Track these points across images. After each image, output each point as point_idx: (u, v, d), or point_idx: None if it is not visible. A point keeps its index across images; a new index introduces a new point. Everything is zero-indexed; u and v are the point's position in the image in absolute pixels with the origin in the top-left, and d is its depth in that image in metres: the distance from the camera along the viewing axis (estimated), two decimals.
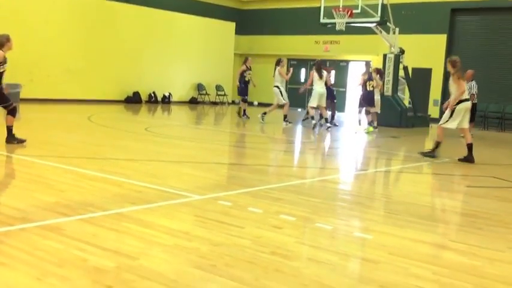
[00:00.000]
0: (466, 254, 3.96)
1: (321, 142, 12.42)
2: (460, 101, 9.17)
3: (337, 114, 21.05)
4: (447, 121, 9.27)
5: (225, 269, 3.31)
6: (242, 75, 16.05)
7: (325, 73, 14.57)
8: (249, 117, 15.86)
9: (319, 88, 14.34)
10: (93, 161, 7.41)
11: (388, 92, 16.58)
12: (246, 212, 4.82)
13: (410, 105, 17.30)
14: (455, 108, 9.18)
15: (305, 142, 12.09)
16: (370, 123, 14.47)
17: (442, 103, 15.06)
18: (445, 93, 19.31)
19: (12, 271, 3.09)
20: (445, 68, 19.58)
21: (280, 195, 5.62)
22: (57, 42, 18.35)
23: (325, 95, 14.38)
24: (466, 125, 9.39)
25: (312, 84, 14.61)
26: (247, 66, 16.07)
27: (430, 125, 16.09)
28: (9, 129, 8.30)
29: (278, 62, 14.98)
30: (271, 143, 11.70)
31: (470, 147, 9.31)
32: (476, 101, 14.48)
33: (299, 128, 15.02)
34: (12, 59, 17.48)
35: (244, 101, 16.18)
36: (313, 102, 14.38)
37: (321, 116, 14.82)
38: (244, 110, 16.06)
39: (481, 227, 4.86)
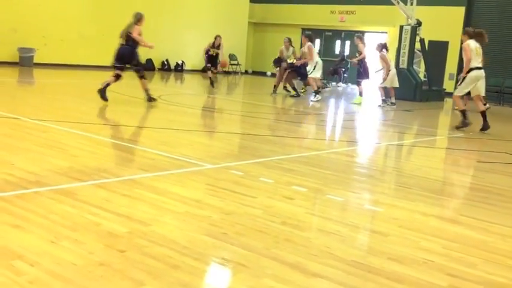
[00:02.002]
0: (477, 229, 3.96)
1: (333, 115, 12.36)
2: (471, 69, 9.24)
3: (350, 86, 20.93)
4: (457, 88, 9.45)
5: (236, 237, 3.34)
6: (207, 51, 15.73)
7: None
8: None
9: (319, 59, 14.13)
10: (106, 128, 7.45)
11: (404, 64, 16.38)
12: (258, 182, 4.84)
13: (426, 79, 17.09)
14: (466, 76, 9.30)
15: (317, 114, 12.04)
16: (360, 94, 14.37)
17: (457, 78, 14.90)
18: (461, 67, 19.06)
19: (27, 234, 3.14)
20: (461, 41, 19.44)
21: (291, 166, 5.63)
22: (70, 6, 18.26)
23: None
24: (481, 92, 9.44)
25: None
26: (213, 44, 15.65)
27: (444, 100, 15.94)
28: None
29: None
30: (283, 114, 11.66)
31: (483, 114, 9.51)
32: None
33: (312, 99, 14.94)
34: (26, 23, 17.52)
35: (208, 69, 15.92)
36: (317, 73, 14.08)
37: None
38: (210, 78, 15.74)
39: (493, 202, 4.84)
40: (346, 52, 23.23)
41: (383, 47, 14.04)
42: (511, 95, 17.76)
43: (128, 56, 10.06)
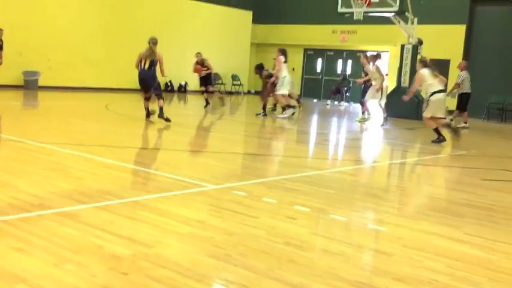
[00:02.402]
0: (482, 247, 3.94)
1: (336, 134, 12.38)
2: (433, 93, 10.03)
3: (353, 105, 20.97)
4: (424, 111, 10.28)
5: (239, 259, 3.33)
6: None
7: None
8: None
9: (288, 75, 13.75)
10: (110, 149, 7.48)
11: (405, 83, 16.43)
12: (261, 202, 4.84)
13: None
14: (429, 99, 10.11)
15: (319, 133, 12.06)
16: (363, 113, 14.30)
17: (460, 95, 14.91)
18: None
19: (30, 257, 3.14)
20: (464, 59, 19.50)
21: (294, 185, 5.63)
22: (75, 30, 18.46)
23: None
24: (438, 113, 10.16)
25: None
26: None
27: (446, 118, 15.91)
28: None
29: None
30: (285, 134, 11.69)
31: (437, 130, 10.19)
32: (465, 91, 14.75)
33: (314, 118, 14.98)
34: (31, 46, 17.70)
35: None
36: (284, 89, 13.59)
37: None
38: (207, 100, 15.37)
39: (497, 220, 4.82)
40: (348, 71, 23.34)
41: (376, 57, 13.80)
42: (511, 112, 17.76)
43: (150, 81, 10.49)
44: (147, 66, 10.42)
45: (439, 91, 10.17)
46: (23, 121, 9.89)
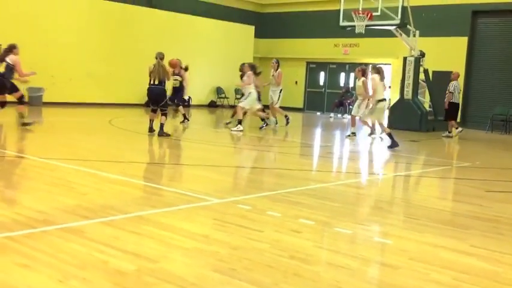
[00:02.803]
0: (488, 259, 3.91)
1: (339, 146, 12.37)
2: (379, 100, 11.35)
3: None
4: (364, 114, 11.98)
5: (244, 273, 3.32)
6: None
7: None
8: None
9: (254, 91, 13.53)
10: (114, 164, 7.49)
11: (408, 95, 16.46)
12: (265, 215, 4.83)
13: (431, 109, 17.14)
14: (374, 105, 11.43)
15: (323, 146, 12.06)
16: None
17: (450, 104, 14.91)
18: (466, 96, 19.12)
19: (35, 273, 3.14)
20: (466, 71, 19.55)
21: (298, 199, 5.62)
22: (79, 46, 18.59)
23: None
24: (381, 119, 11.56)
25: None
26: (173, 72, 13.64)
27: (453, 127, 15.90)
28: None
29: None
30: (288, 147, 11.69)
31: (389, 135, 10.96)
32: (455, 101, 14.92)
33: (318, 131, 14.99)
34: (35, 63, 17.83)
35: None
36: (246, 104, 13.45)
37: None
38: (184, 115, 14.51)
39: (503, 232, 4.80)
40: (351, 84, 23.39)
41: (364, 71, 13.22)
42: None
43: (159, 97, 10.68)
44: (156, 81, 10.51)
45: (383, 99, 11.62)
46: (27, 137, 9.93)
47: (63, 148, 8.75)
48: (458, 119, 15.28)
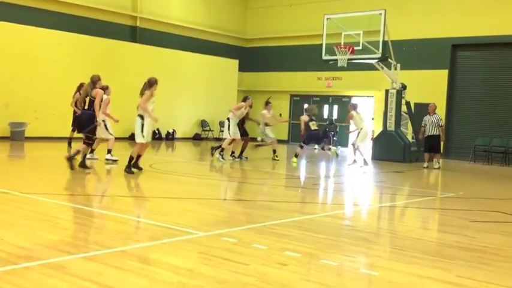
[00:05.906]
0: None
1: (323, 177, 12.40)
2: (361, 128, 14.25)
3: (341, 149, 21.13)
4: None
5: None
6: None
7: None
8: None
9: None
10: (97, 199, 7.41)
11: (391, 127, 16.65)
12: (251, 248, 4.78)
13: (414, 140, 17.32)
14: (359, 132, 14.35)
15: (308, 177, 12.07)
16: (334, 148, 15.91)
17: (445, 138, 15.16)
18: (448, 128, 19.37)
19: None
20: (448, 102, 19.89)
21: (284, 231, 5.59)
22: (63, 81, 18.54)
23: None
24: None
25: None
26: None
27: (434, 160, 16.06)
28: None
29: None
30: (273, 179, 11.69)
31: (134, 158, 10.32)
32: (437, 133, 15.08)
33: (303, 163, 15.03)
34: (18, 98, 17.73)
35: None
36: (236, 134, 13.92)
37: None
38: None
39: (489, 262, 4.80)
40: (334, 116, 23.61)
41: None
42: (499, 154, 17.96)
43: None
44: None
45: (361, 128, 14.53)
46: (9, 172, 9.81)
47: (45, 183, 8.64)
48: (442, 150, 15.43)
